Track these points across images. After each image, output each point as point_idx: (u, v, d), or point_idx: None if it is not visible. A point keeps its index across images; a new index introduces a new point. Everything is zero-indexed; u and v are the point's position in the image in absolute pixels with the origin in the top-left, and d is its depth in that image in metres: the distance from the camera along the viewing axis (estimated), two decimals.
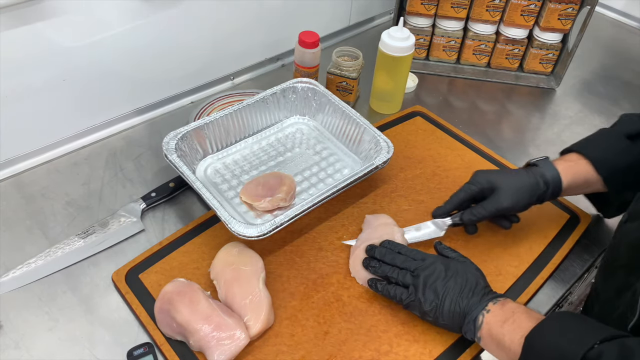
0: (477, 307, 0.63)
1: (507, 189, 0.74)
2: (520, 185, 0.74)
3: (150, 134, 0.96)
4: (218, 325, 0.64)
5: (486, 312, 0.62)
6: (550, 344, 0.54)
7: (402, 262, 0.70)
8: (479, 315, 0.62)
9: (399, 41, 0.94)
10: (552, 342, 0.54)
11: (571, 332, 0.55)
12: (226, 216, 0.71)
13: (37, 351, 0.66)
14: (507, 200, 0.74)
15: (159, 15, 0.89)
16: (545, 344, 0.55)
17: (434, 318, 0.66)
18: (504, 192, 0.74)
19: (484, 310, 0.62)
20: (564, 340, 0.54)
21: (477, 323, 0.62)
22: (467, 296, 0.64)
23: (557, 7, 1.05)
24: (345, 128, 0.90)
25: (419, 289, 0.66)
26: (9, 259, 0.74)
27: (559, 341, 0.54)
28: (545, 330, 0.56)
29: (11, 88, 0.79)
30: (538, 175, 0.75)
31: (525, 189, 0.74)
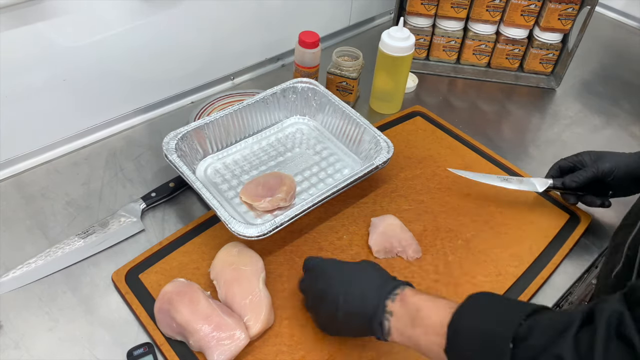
0: (376, 310, 0.57)
1: (608, 156, 0.78)
2: (620, 155, 0.78)
3: (150, 134, 0.96)
4: (218, 325, 0.64)
5: (389, 315, 0.56)
6: (474, 330, 0.50)
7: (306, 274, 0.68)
8: (384, 320, 0.57)
9: (399, 41, 0.94)
10: (476, 328, 0.50)
11: (493, 313, 0.51)
12: (226, 216, 0.71)
13: (37, 351, 0.66)
14: (606, 164, 0.77)
15: (159, 15, 0.89)
16: (470, 331, 0.50)
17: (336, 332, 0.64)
18: (604, 158, 0.78)
19: (386, 314, 0.57)
20: (490, 324, 0.50)
21: (385, 329, 0.57)
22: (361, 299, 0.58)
23: (557, 7, 1.05)
24: (345, 128, 0.90)
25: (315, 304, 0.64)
26: (9, 259, 0.74)
27: (484, 325, 0.50)
28: (466, 317, 0.52)
29: (11, 88, 0.79)
30: (638, 154, 0.77)
31: (625, 157, 0.77)
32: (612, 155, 0.79)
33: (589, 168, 0.79)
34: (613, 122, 1.09)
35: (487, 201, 0.87)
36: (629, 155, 0.78)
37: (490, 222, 0.84)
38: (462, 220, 0.83)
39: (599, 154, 0.79)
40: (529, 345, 0.46)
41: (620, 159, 0.77)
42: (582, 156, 0.80)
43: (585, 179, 0.78)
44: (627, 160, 0.77)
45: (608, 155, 0.78)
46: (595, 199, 0.81)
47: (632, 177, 0.77)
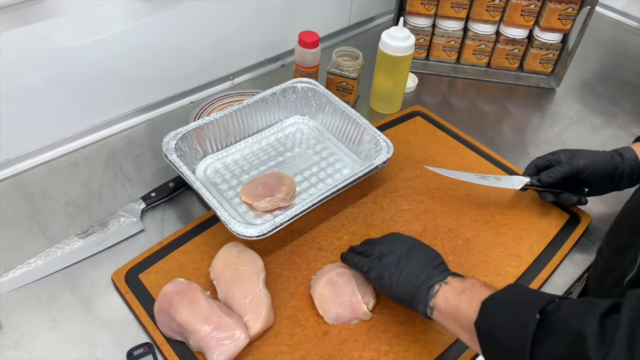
0: (435, 278, 0.62)
1: (583, 153, 0.79)
2: (596, 153, 0.79)
3: (150, 134, 0.96)
4: (218, 326, 0.64)
5: (444, 283, 0.61)
6: (505, 303, 0.54)
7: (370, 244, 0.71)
8: (436, 284, 0.61)
9: (399, 41, 0.94)
10: (508, 302, 0.54)
11: (528, 294, 0.55)
12: (226, 216, 0.71)
13: (37, 351, 0.66)
14: (582, 160, 0.78)
15: (158, 15, 0.89)
16: (501, 304, 0.54)
17: (388, 281, 0.65)
18: (579, 155, 0.79)
19: (442, 282, 0.61)
20: (522, 299, 0.54)
21: (433, 291, 0.61)
22: (428, 269, 0.63)
23: (557, 7, 1.05)
24: (345, 128, 0.90)
25: (382, 255, 0.67)
26: (9, 259, 0.74)
27: (516, 300, 0.54)
28: (502, 294, 0.56)
29: (11, 88, 0.79)
30: (613, 152, 0.79)
31: (600, 156, 0.78)
32: (587, 152, 0.80)
33: (565, 164, 0.80)
34: (613, 122, 1.09)
35: (487, 201, 0.87)
36: (604, 153, 0.79)
37: (490, 222, 0.83)
38: (462, 221, 0.83)
39: (575, 151, 0.81)
40: (556, 317, 0.48)
41: (594, 156, 0.79)
42: (558, 154, 0.82)
43: (561, 174, 0.79)
44: (601, 157, 0.79)
45: (583, 153, 0.80)
46: (571, 196, 0.82)
47: (606, 174, 0.78)
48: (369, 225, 0.82)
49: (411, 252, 0.66)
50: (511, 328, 0.51)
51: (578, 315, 0.47)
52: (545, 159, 0.83)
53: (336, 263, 0.75)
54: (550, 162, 0.82)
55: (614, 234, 0.72)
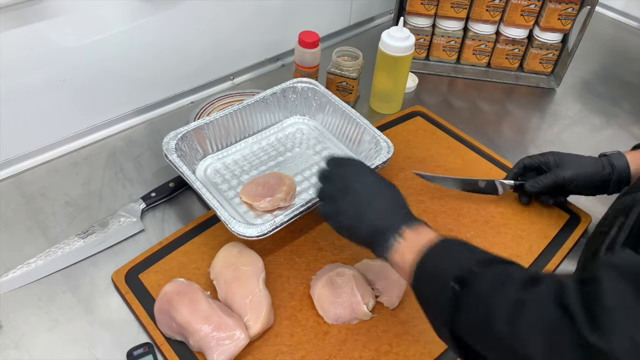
0: (392, 228, 0.59)
1: (570, 162, 0.79)
2: (585, 162, 0.78)
3: (150, 134, 0.96)
4: (218, 326, 0.64)
5: (400, 236, 0.58)
6: (434, 267, 0.54)
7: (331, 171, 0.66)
8: (391, 238, 0.59)
9: (399, 41, 0.94)
10: (436, 265, 0.54)
11: (455, 254, 0.54)
12: (226, 216, 0.71)
13: (37, 351, 0.66)
14: (569, 172, 0.78)
15: (159, 15, 0.89)
16: (430, 268, 0.54)
17: (348, 234, 0.63)
18: (567, 164, 0.78)
19: (397, 235, 0.58)
20: (446, 262, 0.53)
21: (389, 244, 0.59)
22: (388, 214, 0.61)
23: (557, 7, 1.05)
24: (345, 128, 0.90)
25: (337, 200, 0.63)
26: (9, 259, 0.74)
27: (441, 263, 0.54)
28: (432, 255, 0.55)
29: (11, 88, 0.79)
30: (604, 160, 0.77)
31: (588, 166, 0.78)
32: (575, 161, 0.79)
33: (550, 175, 0.79)
34: (613, 122, 1.09)
35: (487, 201, 0.87)
36: (594, 163, 0.78)
37: (490, 222, 0.83)
38: (462, 221, 0.83)
39: (563, 157, 0.80)
40: (473, 290, 0.49)
41: (583, 167, 0.78)
42: (547, 157, 0.81)
43: (545, 185, 0.80)
44: (589, 168, 0.77)
45: (571, 162, 0.79)
46: (549, 199, 0.83)
47: (593, 185, 0.78)
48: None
49: (370, 196, 0.62)
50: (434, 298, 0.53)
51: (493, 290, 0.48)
52: (535, 160, 0.82)
53: (336, 263, 0.75)
54: (539, 164, 0.82)
55: (592, 237, 0.71)
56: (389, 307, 0.72)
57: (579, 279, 0.42)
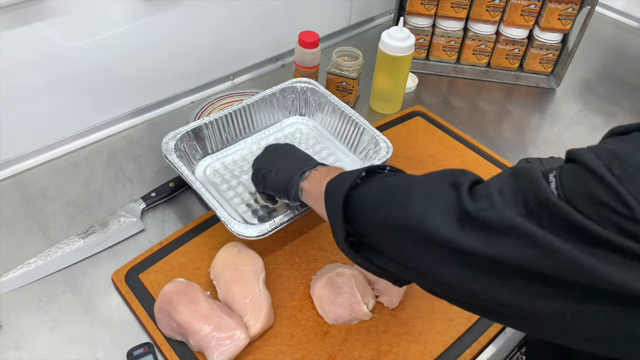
0: (307, 166, 0.67)
1: None
2: None
3: (150, 134, 0.96)
4: (218, 326, 0.64)
5: (314, 169, 0.66)
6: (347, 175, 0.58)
7: None
8: (307, 171, 0.66)
9: (399, 41, 0.94)
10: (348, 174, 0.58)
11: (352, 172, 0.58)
12: (226, 216, 0.71)
13: (37, 351, 0.66)
14: None
15: (159, 15, 0.89)
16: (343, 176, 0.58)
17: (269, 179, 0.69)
18: None
19: (312, 168, 0.66)
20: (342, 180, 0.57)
21: (304, 176, 0.65)
22: (302, 161, 0.68)
23: (557, 7, 1.05)
24: (344, 128, 0.90)
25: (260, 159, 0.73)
26: (9, 259, 0.74)
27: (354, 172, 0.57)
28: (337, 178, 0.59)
29: (11, 88, 0.79)
30: None
31: None
32: None
33: None
34: (613, 122, 1.09)
35: None
36: None
37: None
38: None
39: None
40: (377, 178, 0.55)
41: None
42: None
43: None
44: None
45: None
46: None
47: None
48: None
49: (286, 154, 0.72)
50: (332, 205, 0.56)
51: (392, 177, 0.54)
52: None
53: (336, 263, 0.75)
54: None
55: None
56: (389, 307, 0.72)
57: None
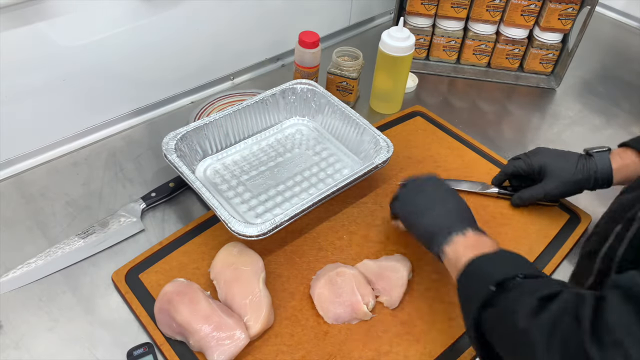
0: (457, 227, 0.63)
1: (558, 179, 0.78)
2: (571, 178, 0.78)
3: (150, 134, 0.96)
4: (218, 326, 0.64)
5: (462, 234, 0.63)
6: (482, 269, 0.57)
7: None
8: (454, 232, 0.63)
9: (399, 41, 0.94)
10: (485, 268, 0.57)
11: (508, 263, 0.57)
12: (226, 216, 0.71)
13: (37, 351, 0.66)
14: (555, 191, 0.78)
15: (159, 16, 0.89)
16: (478, 269, 0.57)
17: (413, 221, 0.68)
18: (554, 182, 0.78)
19: (460, 232, 0.63)
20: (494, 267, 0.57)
21: (449, 237, 0.63)
22: (453, 217, 0.66)
23: (557, 7, 1.05)
24: (344, 128, 0.90)
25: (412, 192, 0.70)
26: (9, 259, 0.74)
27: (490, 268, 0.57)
28: (485, 259, 0.58)
29: (11, 88, 0.79)
30: (592, 171, 0.77)
31: (574, 183, 0.78)
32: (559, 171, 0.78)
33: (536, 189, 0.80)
34: (613, 122, 1.09)
35: (487, 201, 0.87)
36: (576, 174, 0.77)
37: (490, 222, 0.83)
38: None
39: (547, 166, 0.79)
40: (507, 296, 0.52)
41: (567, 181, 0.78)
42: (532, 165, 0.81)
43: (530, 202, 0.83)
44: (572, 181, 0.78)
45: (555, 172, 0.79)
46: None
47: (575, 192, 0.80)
48: (369, 225, 0.82)
49: (443, 197, 0.69)
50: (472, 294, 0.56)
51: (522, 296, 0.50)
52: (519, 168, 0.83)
53: (336, 263, 0.75)
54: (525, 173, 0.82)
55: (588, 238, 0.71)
56: (389, 307, 0.72)
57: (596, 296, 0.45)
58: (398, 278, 0.72)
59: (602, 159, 0.77)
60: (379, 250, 0.78)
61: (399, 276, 0.72)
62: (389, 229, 0.81)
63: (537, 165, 0.80)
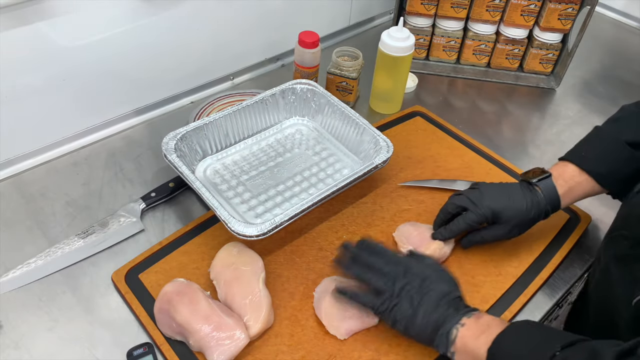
0: (450, 320, 0.60)
1: (509, 222, 0.72)
2: (524, 218, 0.72)
3: (150, 134, 0.96)
4: (218, 326, 0.64)
5: (460, 326, 0.59)
6: (512, 355, 0.54)
7: (375, 262, 0.66)
8: (453, 329, 0.59)
9: (399, 41, 0.94)
10: (513, 354, 0.54)
11: (532, 340, 0.54)
12: (226, 216, 0.71)
13: (37, 351, 0.66)
14: (507, 234, 0.74)
15: (159, 16, 0.89)
16: (508, 354, 0.54)
17: (404, 328, 0.62)
18: (505, 226, 0.73)
19: (458, 325, 0.59)
20: (526, 350, 0.53)
21: (451, 337, 0.59)
22: (442, 308, 0.61)
23: (557, 7, 1.05)
24: (344, 129, 0.90)
25: (393, 296, 0.63)
26: (9, 259, 0.74)
27: (521, 351, 0.54)
28: (507, 340, 0.55)
29: (11, 88, 0.79)
30: (542, 204, 0.72)
31: (527, 222, 0.73)
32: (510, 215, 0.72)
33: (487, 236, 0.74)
34: None
35: None
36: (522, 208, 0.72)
37: None
38: None
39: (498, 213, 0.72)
40: None
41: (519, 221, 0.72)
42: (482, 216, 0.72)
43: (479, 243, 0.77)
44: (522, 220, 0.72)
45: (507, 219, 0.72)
46: None
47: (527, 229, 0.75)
48: (369, 225, 0.82)
49: (423, 290, 0.62)
50: None
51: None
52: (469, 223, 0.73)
53: (333, 277, 0.74)
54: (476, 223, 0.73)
55: (611, 240, 0.69)
56: None
57: None
58: None
59: (547, 187, 0.73)
60: None
61: None
62: (389, 229, 0.81)
63: (489, 214, 0.72)
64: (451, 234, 0.75)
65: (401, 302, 0.62)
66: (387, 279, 0.64)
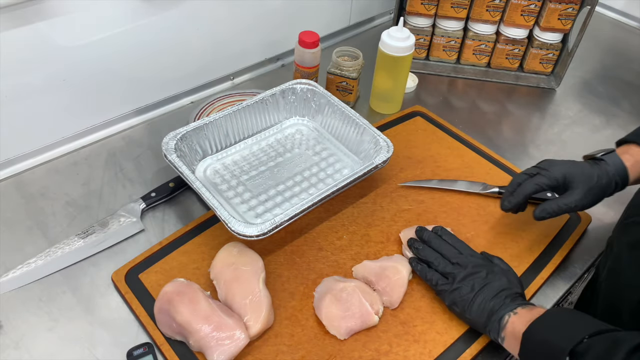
0: (505, 308, 0.64)
1: (582, 189, 0.71)
2: (597, 184, 0.71)
3: (150, 134, 0.96)
4: (218, 326, 0.64)
5: (513, 313, 0.63)
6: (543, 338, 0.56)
7: (447, 251, 0.72)
8: (505, 315, 0.63)
9: (399, 41, 0.94)
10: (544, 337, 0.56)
11: (564, 326, 0.57)
12: (226, 216, 0.71)
13: (37, 351, 0.66)
14: (582, 202, 0.71)
15: (159, 15, 0.89)
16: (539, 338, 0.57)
17: (461, 310, 0.67)
18: (579, 193, 0.71)
19: (511, 312, 0.63)
20: (556, 335, 0.56)
21: (502, 322, 0.63)
22: (500, 298, 0.65)
23: (557, 7, 1.05)
24: (344, 129, 0.90)
25: (456, 279, 0.68)
26: (9, 259, 0.74)
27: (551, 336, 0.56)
28: (540, 324, 0.58)
29: (11, 88, 0.79)
30: (610, 174, 0.71)
31: (600, 189, 0.71)
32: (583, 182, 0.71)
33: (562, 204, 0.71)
34: (613, 122, 1.09)
35: (487, 201, 0.87)
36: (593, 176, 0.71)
37: (490, 222, 0.84)
38: (462, 221, 0.83)
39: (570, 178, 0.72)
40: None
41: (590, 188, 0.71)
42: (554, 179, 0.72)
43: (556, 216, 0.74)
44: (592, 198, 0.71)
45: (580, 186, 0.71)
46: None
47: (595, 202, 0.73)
48: (369, 225, 0.82)
49: (486, 280, 0.67)
50: None
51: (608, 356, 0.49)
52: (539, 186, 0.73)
53: (333, 277, 0.74)
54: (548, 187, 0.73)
55: (625, 228, 0.69)
56: (389, 307, 0.72)
57: None
58: (398, 278, 0.72)
59: (613, 160, 0.72)
60: (379, 250, 0.79)
61: (399, 277, 0.72)
62: (389, 229, 0.81)
63: (560, 177, 0.72)
64: (518, 197, 0.73)
65: (463, 287, 0.67)
66: (454, 267, 0.70)
